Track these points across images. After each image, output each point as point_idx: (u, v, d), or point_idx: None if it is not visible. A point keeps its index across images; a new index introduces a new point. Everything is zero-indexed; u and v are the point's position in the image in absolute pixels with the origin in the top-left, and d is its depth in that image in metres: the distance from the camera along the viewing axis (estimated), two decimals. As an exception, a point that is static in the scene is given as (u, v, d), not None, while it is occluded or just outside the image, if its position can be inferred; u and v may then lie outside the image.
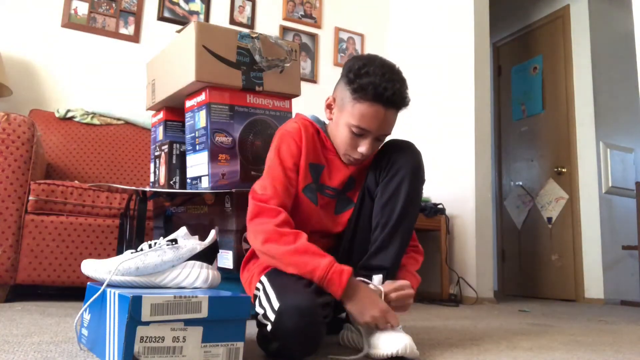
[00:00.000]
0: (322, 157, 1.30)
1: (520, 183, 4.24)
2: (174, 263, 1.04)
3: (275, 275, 1.15)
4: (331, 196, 1.30)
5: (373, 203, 1.27)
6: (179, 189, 1.80)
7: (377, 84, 1.16)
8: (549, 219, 3.92)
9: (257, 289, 1.17)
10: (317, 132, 1.32)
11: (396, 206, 1.22)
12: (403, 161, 1.25)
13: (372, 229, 1.26)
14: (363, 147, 1.22)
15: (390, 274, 1.21)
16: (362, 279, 1.17)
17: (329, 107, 1.31)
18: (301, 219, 1.26)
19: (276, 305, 1.02)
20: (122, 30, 3.09)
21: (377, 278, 1.17)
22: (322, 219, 1.30)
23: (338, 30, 3.80)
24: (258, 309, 1.09)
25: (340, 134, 1.25)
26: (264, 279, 1.16)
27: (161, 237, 1.08)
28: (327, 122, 1.36)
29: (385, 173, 1.25)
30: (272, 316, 1.02)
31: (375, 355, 1.07)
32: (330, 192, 1.30)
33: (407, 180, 1.23)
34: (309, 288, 1.06)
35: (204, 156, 1.63)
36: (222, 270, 1.40)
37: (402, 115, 1.28)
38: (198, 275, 1.05)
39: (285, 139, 1.27)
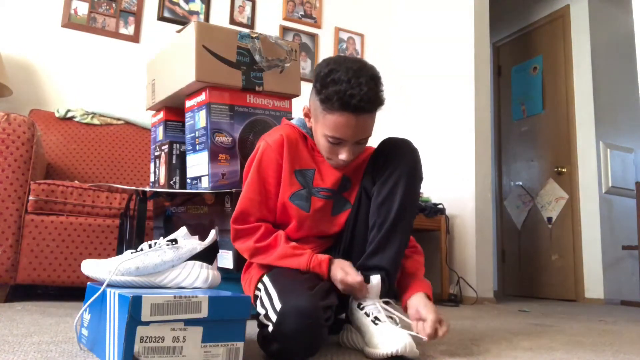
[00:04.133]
0: (310, 160, 1.29)
1: (520, 183, 4.24)
2: (174, 263, 1.04)
3: (278, 275, 1.15)
4: (327, 197, 1.29)
5: (370, 203, 1.26)
6: (179, 189, 1.80)
7: (343, 93, 1.12)
8: (549, 219, 3.92)
9: (258, 289, 1.17)
10: (303, 137, 1.31)
11: (393, 205, 1.20)
12: (400, 159, 1.23)
13: (369, 229, 1.25)
14: (343, 154, 1.20)
15: (390, 276, 1.21)
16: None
17: (306, 116, 1.29)
18: (293, 226, 1.26)
19: (278, 306, 1.02)
20: (122, 30, 3.09)
21: (375, 278, 1.16)
22: (316, 224, 1.28)
23: (338, 30, 3.80)
24: (259, 309, 1.09)
25: (319, 143, 1.25)
26: (265, 278, 1.16)
27: (161, 237, 1.08)
28: None
29: (382, 172, 1.24)
30: (273, 317, 1.02)
31: (375, 354, 1.07)
32: (326, 194, 1.29)
33: (403, 179, 1.21)
34: (312, 290, 1.06)
35: (204, 156, 1.63)
36: (222, 270, 1.39)
37: (402, 116, 1.27)
38: (198, 275, 1.05)
39: (266, 153, 1.26)
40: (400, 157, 1.24)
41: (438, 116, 3.42)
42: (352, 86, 1.12)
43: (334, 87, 1.13)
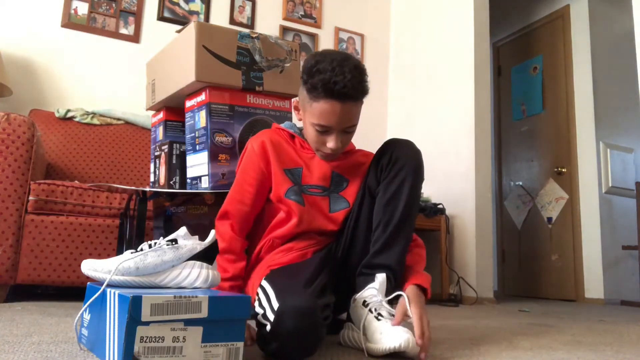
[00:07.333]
0: (298, 159, 1.33)
1: (520, 183, 4.24)
2: (174, 263, 1.04)
3: (276, 276, 1.15)
4: (318, 194, 1.32)
5: (373, 202, 1.28)
6: (179, 189, 1.80)
7: (327, 80, 1.18)
8: (549, 219, 3.92)
9: (259, 291, 1.17)
10: (291, 137, 1.37)
11: (398, 205, 1.22)
12: (404, 160, 1.26)
13: (372, 227, 1.26)
14: (331, 143, 1.25)
15: (396, 275, 1.22)
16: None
17: (295, 109, 1.36)
18: (293, 221, 1.28)
19: (275, 305, 1.02)
20: (122, 30, 3.09)
21: (380, 277, 1.17)
22: (313, 219, 1.31)
23: (338, 30, 3.80)
24: (258, 309, 1.09)
25: (308, 133, 1.30)
26: (264, 281, 1.17)
27: (161, 237, 1.08)
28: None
29: (387, 172, 1.26)
30: (271, 316, 1.02)
31: (376, 349, 1.07)
32: (316, 190, 1.32)
33: (409, 179, 1.24)
34: (309, 289, 1.06)
35: (204, 156, 1.63)
36: (222, 270, 1.39)
37: (402, 115, 1.28)
38: (198, 275, 1.05)
39: (248, 155, 1.34)
40: (405, 157, 1.26)
41: (438, 116, 3.42)
42: (336, 74, 1.18)
43: (319, 76, 1.19)
